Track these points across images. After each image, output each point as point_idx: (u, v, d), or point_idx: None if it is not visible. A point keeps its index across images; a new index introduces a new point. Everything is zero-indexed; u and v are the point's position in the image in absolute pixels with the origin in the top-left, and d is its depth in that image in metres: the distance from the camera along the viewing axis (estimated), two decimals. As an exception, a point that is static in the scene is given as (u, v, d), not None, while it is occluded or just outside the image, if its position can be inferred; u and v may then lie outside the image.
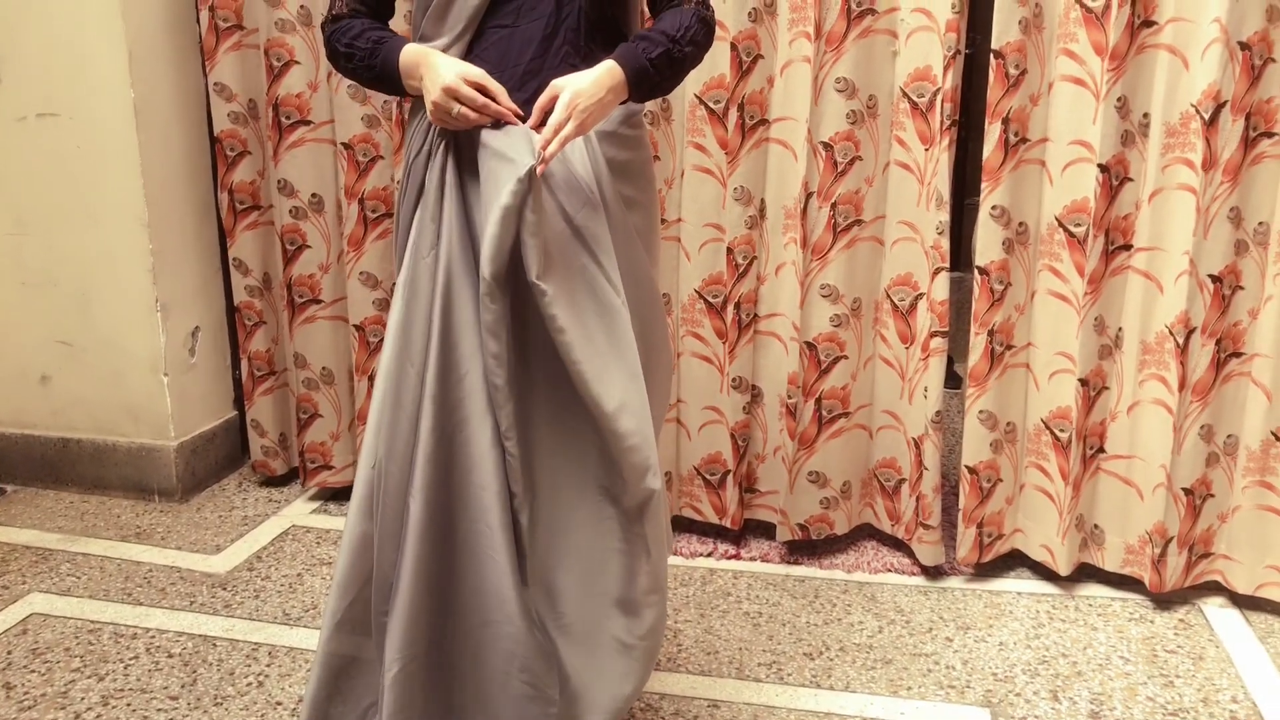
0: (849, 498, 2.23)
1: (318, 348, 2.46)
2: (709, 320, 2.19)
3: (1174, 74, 1.85)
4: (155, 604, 2.05)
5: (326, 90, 2.31)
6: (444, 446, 1.40)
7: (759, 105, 2.09)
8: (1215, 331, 1.91)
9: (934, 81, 1.98)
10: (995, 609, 2.03)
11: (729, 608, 2.03)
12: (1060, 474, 2.04)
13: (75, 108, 2.34)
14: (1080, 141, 1.92)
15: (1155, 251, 1.93)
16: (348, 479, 2.48)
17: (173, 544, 2.31)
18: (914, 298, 2.10)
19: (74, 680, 1.80)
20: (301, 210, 2.39)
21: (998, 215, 1.97)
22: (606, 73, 1.35)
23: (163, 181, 2.40)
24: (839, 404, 2.17)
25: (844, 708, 1.72)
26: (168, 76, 2.39)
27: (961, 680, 1.80)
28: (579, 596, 1.49)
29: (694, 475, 2.27)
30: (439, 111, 1.35)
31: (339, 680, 1.50)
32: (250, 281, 2.49)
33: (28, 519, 2.43)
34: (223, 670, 1.83)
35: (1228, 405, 1.96)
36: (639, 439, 1.38)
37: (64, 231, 2.42)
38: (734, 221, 2.13)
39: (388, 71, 1.41)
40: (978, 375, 2.04)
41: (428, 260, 1.39)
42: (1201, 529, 2.01)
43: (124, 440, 2.51)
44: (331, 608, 1.47)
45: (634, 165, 1.48)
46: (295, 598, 2.07)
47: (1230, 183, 1.85)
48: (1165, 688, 1.78)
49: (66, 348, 2.50)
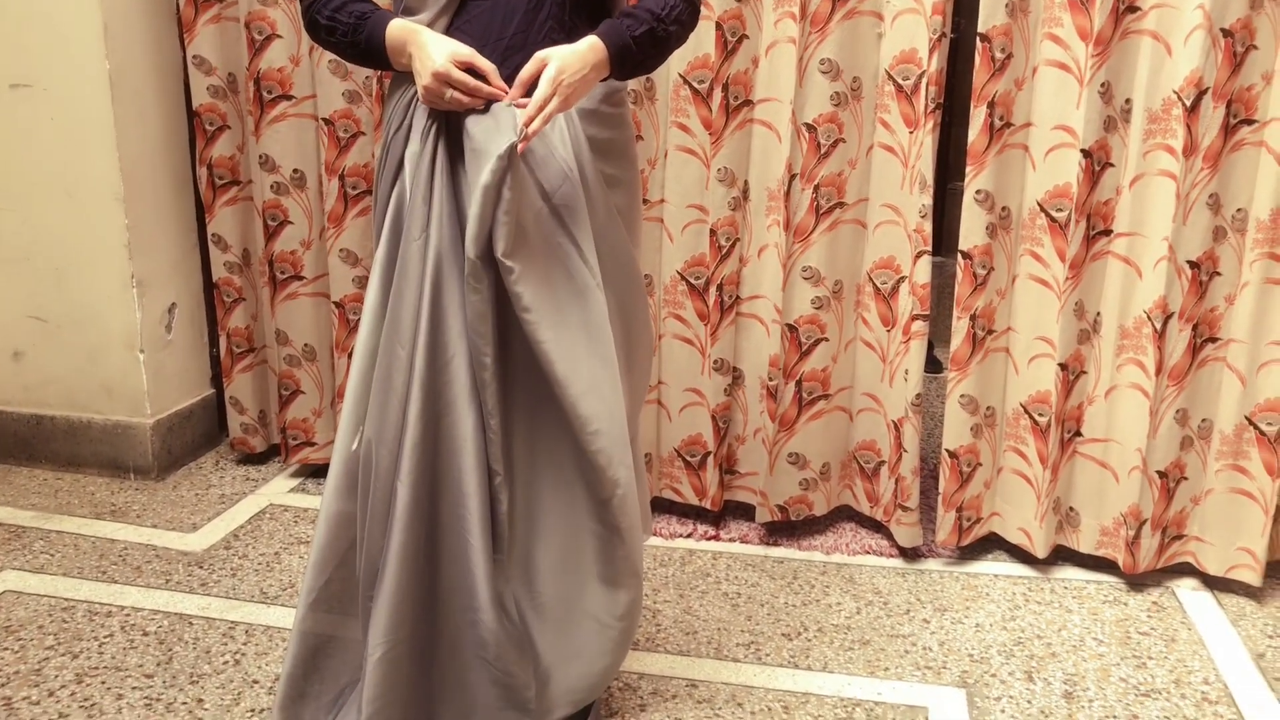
0: (828, 479, 2.24)
1: (300, 324, 2.43)
2: (691, 302, 2.18)
3: (1157, 60, 1.85)
4: (130, 582, 2.04)
5: (308, 64, 2.28)
6: (430, 431, 1.39)
7: (743, 86, 2.08)
8: (1192, 317, 1.93)
9: (919, 64, 1.98)
10: (972, 591, 2.04)
11: (708, 588, 2.03)
12: (1039, 458, 2.05)
13: (49, 79, 2.30)
14: (1063, 126, 1.92)
15: (1135, 237, 1.94)
16: (330, 455, 2.46)
17: (148, 522, 2.29)
18: (896, 281, 2.10)
19: (47, 658, 1.79)
20: (283, 186, 2.36)
21: (982, 199, 1.97)
22: (589, 48, 1.34)
23: (139, 156, 2.36)
24: (819, 386, 2.17)
25: (821, 688, 1.73)
26: (144, 48, 2.36)
27: (938, 661, 1.81)
28: (555, 577, 1.49)
29: (674, 457, 2.27)
30: (430, 95, 1.34)
31: (315, 659, 1.50)
32: (229, 258, 2.46)
33: (0, 496, 2.40)
34: (199, 648, 1.82)
35: (1203, 390, 1.98)
36: (603, 423, 1.38)
37: (38, 205, 2.38)
38: (717, 203, 2.12)
39: (373, 48, 1.39)
40: (959, 359, 2.05)
41: (418, 243, 1.38)
42: (1175, 511, 2.03)
43: (99, 417, 2.48)
44: (307, 586, 1.46)
45: (616, 144, 1.47)
46: (272, 576, 2.06)
47: (1210, 169, 1.86)
48: (1138, 669, 1.80)
49: (40, 323, 2.46)
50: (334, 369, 2.44)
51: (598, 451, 1.38)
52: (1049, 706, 1.69)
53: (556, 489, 1.46)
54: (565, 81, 1.30)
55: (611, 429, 1.38)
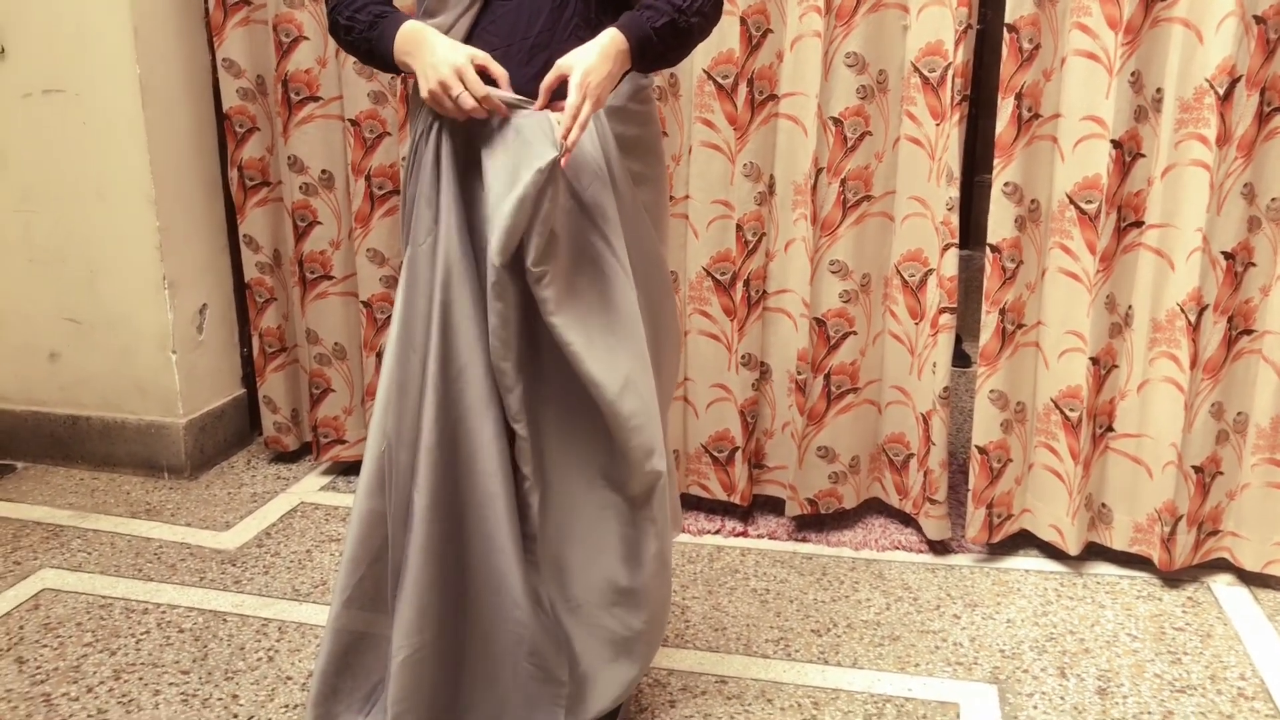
0: (857, 472, 2.23)
1: (330, 323, 2.46)
2: (717, 298, 2.18)
3: (1188, 48, 1.83)
4: (166, 580, 2.06)
5: (335, 66, 2.30)
6: (447, 437, 1.40)
7: (768, 80, 2.07)
8: (1227, 309, 1.90)
9: (945, 56, 1.96)
10: (1003, 586, 2.03)
11: (736, 585, 2.03)
12: (1070, 453, 2.03)
13: (81, 84, 2.33)
14: (1093, 117, 1.90)
15: (1167, 228, 1.92)
16: (360, 453, 2.46)
17: (182, 520, 2.32)
18: (924, 273, 2.09)
19: (86, 655, 1.81)
20: (311, 186, 2.38)
21: (1010, 192, 1.95)
22: (610, 41, 1.33)
23: (169, 158, 2.39)
24: (847, 379, 2.16)
25: (852, 684, 1.72)
26: (174, 53, 2.38)
27: (969, 657, 1.80)
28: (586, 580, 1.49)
29: (701, 453, 2.27)
30: (434, 99, 1.32)
31: (348, 655, 1.51)
32: (261, 258, 2.49)
33: (38, 495, 2.44)
34: (233, 645, 1.84)
35: (1238, 383, 1.95)
36: (643, 419, 1.38)
37: (71, 208, 2.42)
38: (743, 198, 2.11)
39: (381, 49, 1.37)
40: (989, 354, 2.03)
41: (424, 246, 1.38)
42: (1210, 507, 2.00)
43: (133, 417, 2.51)
44: (340, 584, 1.47)
45: (643, 141, 1.47)
46: (304, 574, 2.08)
47: (1244, 159, 1.83)
48: (1173, 665, 1.78)
49: (75, 325, 2.50)
50: (363, 367, 2.46)
51: (637, 447, 1.38)
52: (1082, 703, 1.68)
53: (588, 494, 1.46)
54: (592, 83, 1.30)
55: (650, 424, 1.38)
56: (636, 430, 1.37)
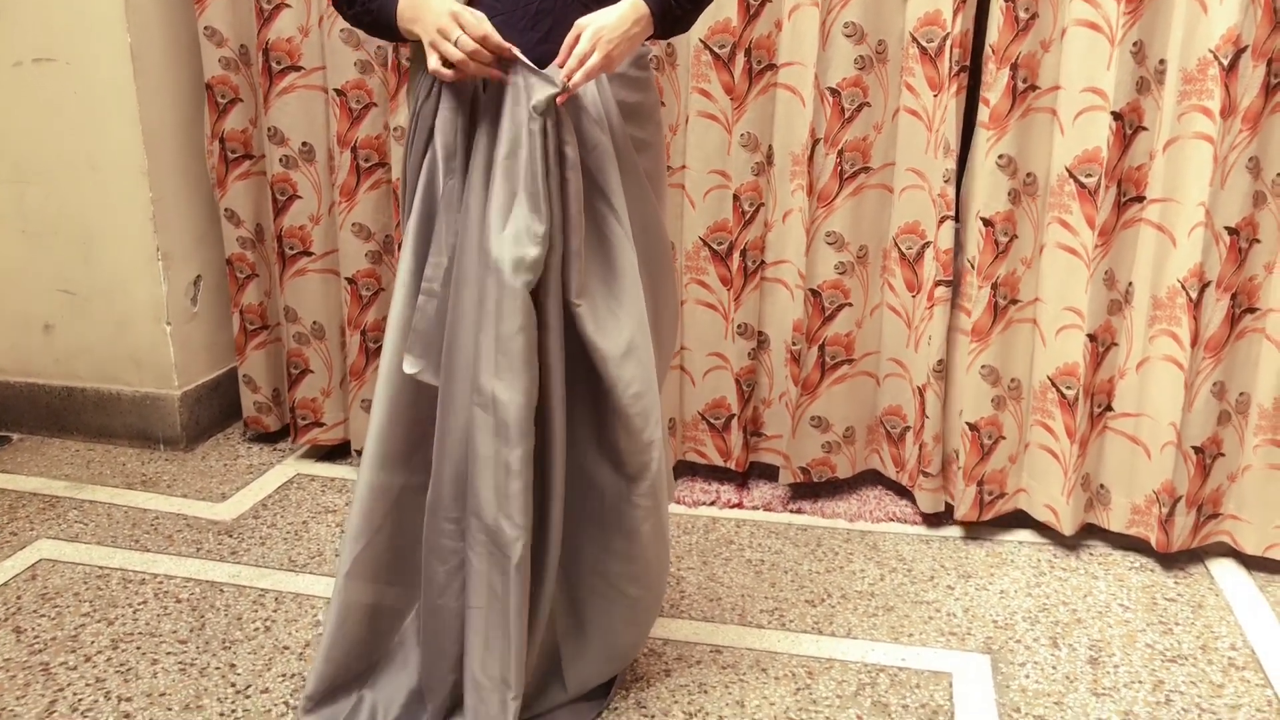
0: (852, 443, 2.24)
1: (308, 302, 2.40)
2: (714, 267, 2.17)
3: (1192, 17, 1.81)
4: (162, 550, 2.07)
5: (318, 35, 2.25)
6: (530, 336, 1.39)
7: (766, 50, 2.05)
8: (1230, 286, 1.88)
9: (943, 26, 1.94)
10: (996, 558, 2.04)
11: (731, 555, 2.04)
12: (1066, 432, 2.02)
13: (71, 53, 2.30)
14: (1093, 89, 1.88)
15: (1169, 203, 1.90)
16: (338, 436, 2.47)
17: (178, 491, 2.32)
18: (921, 246, 2.08)
19: (84, 624, 1.82)
20: (292, 159, 2.33)
21: (1004, 164, 1.94)
22: (631, 7, 1.34)
23: (160, 129, 2.37)
24: (842, 351, 2.16)
25: (846, 653, 1.74)
26: (161, 20, 2.35)
27: (962, 627, 1.81)
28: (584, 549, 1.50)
29: (698, 420, 2.27)
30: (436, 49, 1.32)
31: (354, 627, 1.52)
32: (242, 233, 2.44)
33: (34, 467, 2.44)
34: (230, 615, 1.85)
35: (1240, 362, 1.93)
36: (643, 386, 1.38)
37: (64, 179, 2.40)
38: (740, 168, 2.10)
39: (384, 18, 1.37)
40: (980, 329, 2.02)
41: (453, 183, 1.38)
42: (1210, 488, 1.98)
43: (128, 389, 2.51)
44: (344, 556, 1.47)
45: (644, 108, 1.46)
46: (300, 544, 2.09)
47: (1250, 131, 1.81)
48: (1164, 635, 1.79)
49: (69, 296, 2.49)
50: (344, 348, 2.41)
51: (637, 414, 1.38)
52: (1074, 672, 1.69)
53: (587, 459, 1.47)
54: (605, 38, 1.30)
55: (649, 391, 1.39)
56: (636, 397, 1.38)
